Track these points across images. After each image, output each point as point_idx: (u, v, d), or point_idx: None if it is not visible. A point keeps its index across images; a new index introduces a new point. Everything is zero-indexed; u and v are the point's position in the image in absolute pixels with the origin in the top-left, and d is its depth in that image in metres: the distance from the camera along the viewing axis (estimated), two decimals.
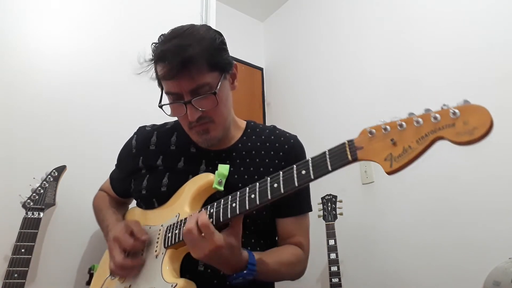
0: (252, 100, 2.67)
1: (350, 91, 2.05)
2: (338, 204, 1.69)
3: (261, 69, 2.80)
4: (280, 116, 2.56)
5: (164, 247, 0.83)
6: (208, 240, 0.72)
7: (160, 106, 0.89)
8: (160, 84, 0.91)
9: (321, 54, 2.30)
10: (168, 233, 0.84)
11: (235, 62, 0.94)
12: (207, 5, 1.87)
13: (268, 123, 2.61)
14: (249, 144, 0.99)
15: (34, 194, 1.13)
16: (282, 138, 1.02)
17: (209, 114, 0.88)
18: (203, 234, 0.72)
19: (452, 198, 1.49)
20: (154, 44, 0.90)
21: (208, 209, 0.78)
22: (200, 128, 0.89)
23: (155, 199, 0.95)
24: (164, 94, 0.91)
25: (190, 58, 0.81)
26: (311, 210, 1.03)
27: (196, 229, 0.72)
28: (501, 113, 1.38)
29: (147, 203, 0.98)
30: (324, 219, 1.66)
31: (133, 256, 0.88)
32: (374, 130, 0.57)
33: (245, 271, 0.77)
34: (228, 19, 2.67)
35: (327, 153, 0.63)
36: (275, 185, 0.69)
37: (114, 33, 1.55)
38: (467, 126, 0.47)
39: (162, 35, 0.90)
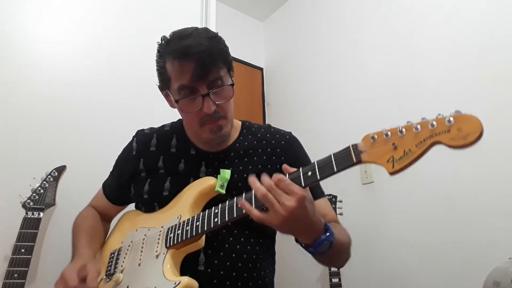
0: (252, 100, 2.67)
1: (350, 90, 2.05)
2: (338, 204, 1.69)
3: (261, 69, 2.80)
4: (280, 116, 2.56)
5: (166, 247, 0.84)
6: (291, 193, 0.66)
7: (177, 101, 0.89)
8: (165, 84, 0.91)
9: (321, 54, 2.30)
10: (170, 233, 0.85)
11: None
12: (207, 5, 1.88)
13: (268, 123, 2.60)
14: (246, 143, 1.01)
15: (34, 194, 1.13)
16: (277, 135, 1.04)
17: (222, 109, 0.90)
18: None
19: (452, 198, 1.49)
20: (160, 42, 0.91)
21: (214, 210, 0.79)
22: (214, 125, 0.91)
23: (156, 203, 0.96)
24: (171, 93, 0.91)
25: (211, 53, 0.85)
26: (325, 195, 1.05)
27: (274, 184, 0.68)
28: (501, 112, 1.39)
29: (148, 207, 0.99)
30: None
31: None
32: (376, 136, 0.63)
33: (327, 233, 0.72)
34: (228, 19, 2.67)
35: (332, 156, 0.67)
36: None
37: (114, 33, 1.55)
38: (461, 132, 0.53)
39: (164, 36, 0.91)
